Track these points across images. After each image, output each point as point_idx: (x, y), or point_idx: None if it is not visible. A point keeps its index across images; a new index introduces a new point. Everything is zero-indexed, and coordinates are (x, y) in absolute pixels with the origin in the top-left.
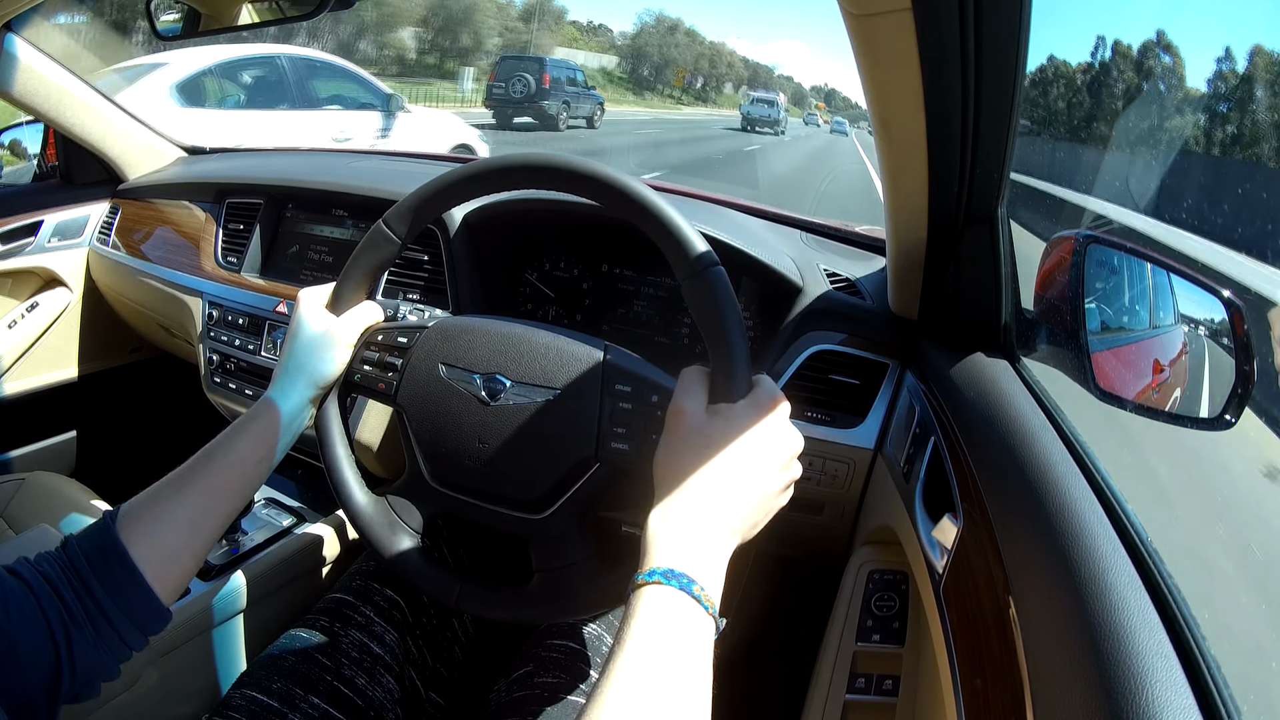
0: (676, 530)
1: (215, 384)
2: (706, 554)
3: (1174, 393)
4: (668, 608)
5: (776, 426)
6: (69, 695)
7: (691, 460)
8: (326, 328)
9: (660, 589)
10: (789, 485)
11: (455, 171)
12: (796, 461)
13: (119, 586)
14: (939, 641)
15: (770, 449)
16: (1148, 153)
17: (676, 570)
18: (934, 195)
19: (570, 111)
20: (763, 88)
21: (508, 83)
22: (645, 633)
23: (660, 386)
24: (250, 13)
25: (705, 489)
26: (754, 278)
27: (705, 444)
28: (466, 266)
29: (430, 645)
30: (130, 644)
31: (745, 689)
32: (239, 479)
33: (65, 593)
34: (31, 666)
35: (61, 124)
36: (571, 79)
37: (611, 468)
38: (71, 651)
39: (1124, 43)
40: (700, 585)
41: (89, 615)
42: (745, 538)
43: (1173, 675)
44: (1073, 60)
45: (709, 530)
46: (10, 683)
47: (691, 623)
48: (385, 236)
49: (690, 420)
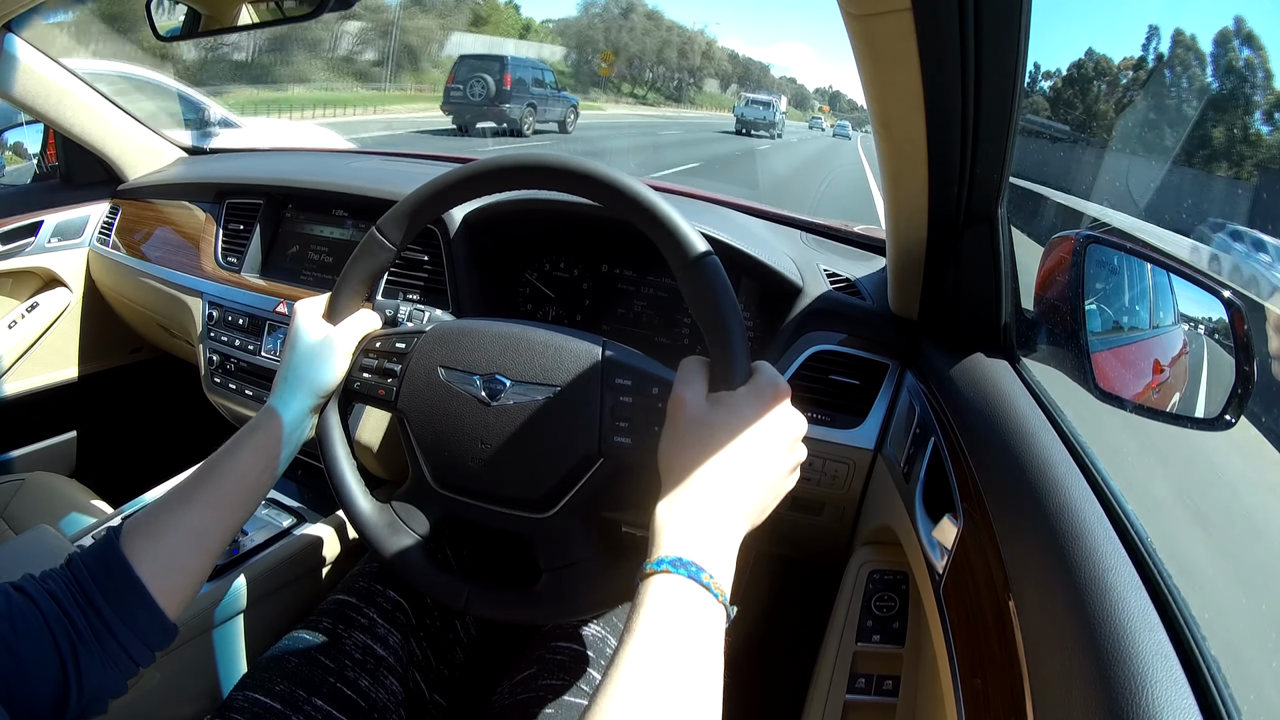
0: (684, 519)
1: (215, 384)
2: (715, 541)
3: (1174, 393)
4: (676, 596)
5: (779, 410)
6: (76, 713)
7: (695, 449)
8: (324, 337)
9: (668, 577)
10: (795, 467)
11: (449, 175)
12: (801, 444)
13: (124, 603)
14: (939, 641)
15: (774, 433)
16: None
17: (685, 558)
18: (934, 195)
19: (538, 115)
20: (760, 89)
21: (466, 85)
22: (654, 621)
23: (660, 378)
24: (250, 13)
25: (711, 477)
26: (754, 278)
27: (708, 432)
28: (466, 266)
29: (434, 647)
30: (137, 660)
31: (745, 689)
32: (242, 491)
33: (71, 610)
34: (39, 684)
35: (61, 124)
36: (539, 79)
37: (615, 462)
38: (79, 669)
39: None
40: (709, 573)
41: (95, 632)
42: (755, 523)
43: (1173, 675)
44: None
45: (717, 517)
46: (18, 701)
47: (701, 611)
48: (379, 243)
49: (691, 410)
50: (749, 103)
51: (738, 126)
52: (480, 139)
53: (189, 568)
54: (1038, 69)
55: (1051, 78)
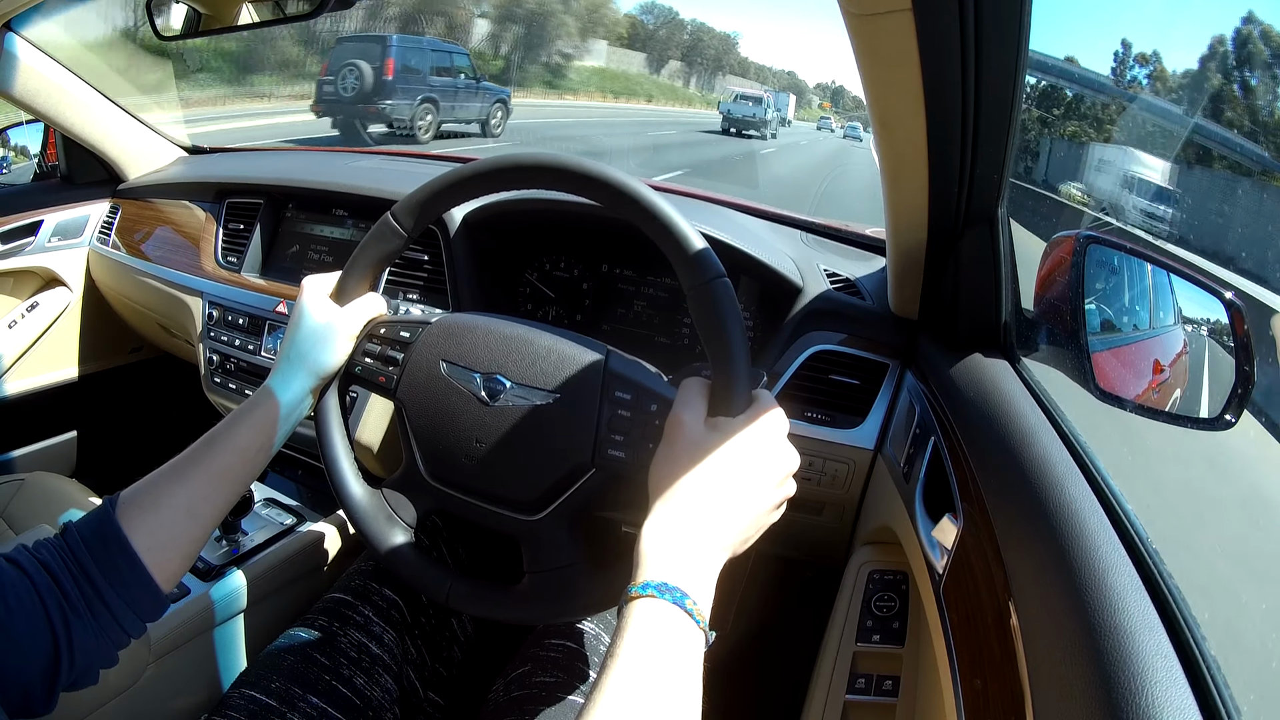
0: (670, 543)
1: (215, 384)
2: (699, 568)
3: (1174, 393)
4: (661, 622)
5: (773, 443)
6: (67, 683)
7: (687, 472)
8: (329, 318)
9: (654, 603)
10: (782, 503)
11: (463, 169)
12: (791, 479)
13: (118, 573)
14: (939, 642)
15: (766, 465)
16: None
17: (670, 584)
18: (934, 195)
19: (441, 114)
20: (753, 80)
21: (337, 75)
22: (638, 646)
23: (660, 396)
24: (250, 12)
25: (699, 502)
26: (754, 278)
27: (702, 456)
28: (466, 266)
29: (429, 645)
30: (129, 631)
31: (746, 689)
32: (239, 466)
33: (64, 580)
34: (30, 654)
35: (61, 124)
36: (443, 67)
37: (607, 474)
38: (70, 639)
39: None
40: (693, 599)
41: (88, 602)
42: (736, 552)
43: (1173, 675)
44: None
45: (702, 544)
46: (8, 670)
47: (683, 636)
48: (393, 229)
49: (688, 432)
50: (737, 98)
51: (724, 125)
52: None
53: (183, 540)
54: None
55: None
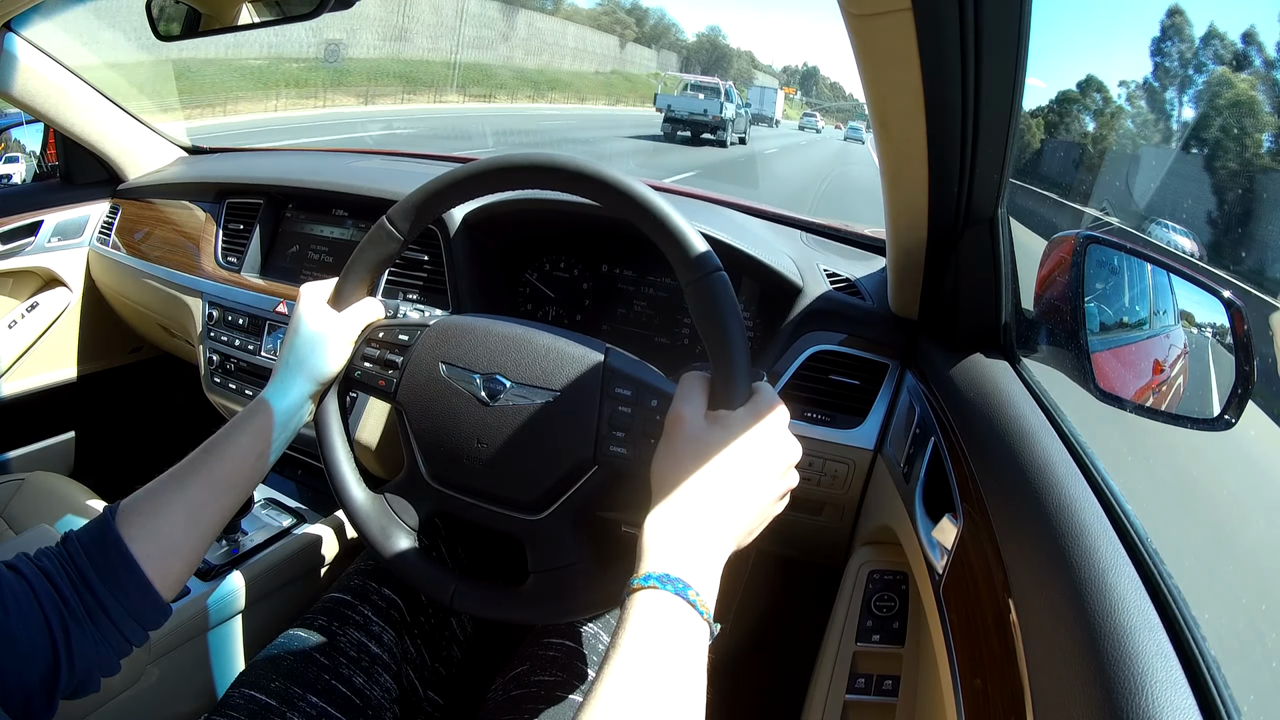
0: (672, 535)
1: (215, 384)
2: (702, 559)
3: (1174, 393)
4: (663, 612)
5: (775, 435)
6: (67, 690)
7: (689, 466)
8: (327, 324)
9: (655, 594)
10: (785, 494)
11: (459, 170)
12: (794, 470)
13: (118, 581)
14: (939, 642)
15: (768, 457)
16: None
17: (672, 575)
18: (934, 195)
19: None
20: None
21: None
22: (640, 637)
23: (660, 391)
24: (250, 12)
25: (702, 495)
26: (754, 278)
27: (703, 450)
28: (466, 266)
29: (428, 644)
30: (130, 639)
31: (745, 689)
32: (239, 473)
33: (64, 588)
34: (29, 662)
35: (61, 124)
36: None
37: (609, 471)
38: (70, 647)
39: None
40: (695, 590)
41: (88, 610)
42: (741, 544)
43: (1173, 675)
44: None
45: (705, 536)
46: (8, 678)
47: (686, 627)
48: (388, 233)
49: (689, 427)
50: (687, 88)
51: (666, 126)
52: None
53: (184, 548)
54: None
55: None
